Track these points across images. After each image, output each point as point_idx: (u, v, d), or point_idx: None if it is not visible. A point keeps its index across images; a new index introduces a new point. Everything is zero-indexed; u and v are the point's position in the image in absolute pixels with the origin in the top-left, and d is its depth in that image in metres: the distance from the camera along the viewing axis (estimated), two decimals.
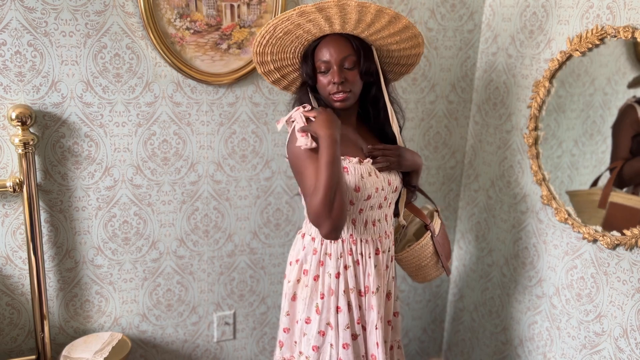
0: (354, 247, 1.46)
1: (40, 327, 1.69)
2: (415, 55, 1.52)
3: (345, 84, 1.38)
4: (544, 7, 1.81)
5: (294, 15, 1.32)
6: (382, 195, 1.46)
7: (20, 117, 1.54)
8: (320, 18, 1.33)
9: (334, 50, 1.37)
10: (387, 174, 1.48)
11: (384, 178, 1.46)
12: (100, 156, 1.73)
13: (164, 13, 1.66)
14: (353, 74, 1.40)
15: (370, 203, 1.44)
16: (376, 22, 1.36)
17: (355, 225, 1.45)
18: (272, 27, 1.36)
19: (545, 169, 1.83)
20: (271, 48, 1.42)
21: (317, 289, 1.48)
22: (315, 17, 1.32)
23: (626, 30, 1.49)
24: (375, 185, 1.43)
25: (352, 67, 1.39)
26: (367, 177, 1.42)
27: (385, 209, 1.50)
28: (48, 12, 1.56)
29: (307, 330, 1.50)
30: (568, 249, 1.77)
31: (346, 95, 1.39)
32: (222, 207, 1.92)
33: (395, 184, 1.50)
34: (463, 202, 2.29)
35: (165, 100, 1.76)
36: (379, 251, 1.50)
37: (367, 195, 1.42)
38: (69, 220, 1.74)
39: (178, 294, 1.95)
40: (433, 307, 2.41)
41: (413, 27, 1.40)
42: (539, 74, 1.84)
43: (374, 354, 1.47)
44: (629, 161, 1.57)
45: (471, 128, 2.21)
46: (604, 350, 1.67)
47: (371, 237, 1.48)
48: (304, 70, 1.44)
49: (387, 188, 1.47)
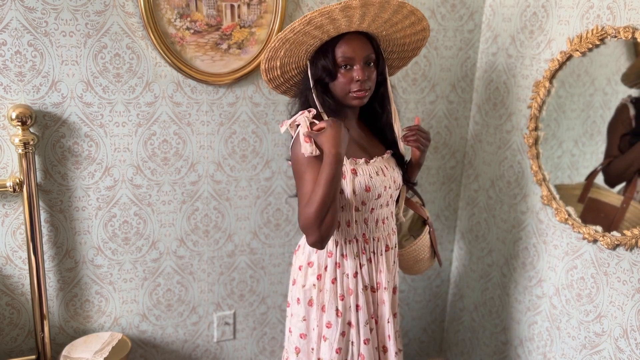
0: (367, 246, 1.50)
1: (40, 327, 1.69)
2: (421, 39, 1.52)
3: (367, 82, 1.39)
4: (544, 7, 1.81)
5: (337, 9, 1.28)
6: (389, 193, 1.50)
7: (21, 117, 1.54)
8: (356, 14, 1.31)
9: (358, 47, 1.37)
10: (392, 171, 1.51)
11: (390, 176, 1.49)
12: (100, 156, 1.73)
13: (164, 13, 1.66)
14: (372, 72, 1.41)
15: (380, 201, 1.48)
16: (401, 21, 1.40)
17: (368, 225, 1.48)
18: (308, 19, 1.31)
19: (545, 169, 1.83)
20: (290, 44, 1.37)
21: (337, 291, 1.49)
22: (353, 13, 1.30)
23: (626, 30, 1.49)
24: (384, 184, 1.47)
25: (372, 66, 1.41)
26: (375, 176, 1.45)
27: (391, 206, 1.54)
28: (48, 12, 1.56)
29: (329, 334, 1.49)
30: (568, 249, 1.77)
31: (366, 92, 1.40)
32: (222, 207, 1.92)
33: (399, 181, 1.54)
34: (463, 202, 2.29)
35: (166, 100, 1.76)
36: (388, 248, 1.54)
37: (377, 194, 1.45)
38: (69, 220, 1.74)
39: (178, 294, 1.95)
40: (433, 307, 2.41)
41: (417, 11, 1.40)
42: (539, 74, 1.84)
43: (386, 345, 1.54)
44: (615, 159, 1.58)
45: (471, 128, 2.21)
46: (604, 351, 1.67)
47: (382, 234, 1.52)
48: (322, 65, 1.40)
49: (393, 186, 1.50)
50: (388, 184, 1.48)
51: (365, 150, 1.50)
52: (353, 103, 1.42)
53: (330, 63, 1.38)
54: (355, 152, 1.47)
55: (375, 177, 1.45)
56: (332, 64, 1.38)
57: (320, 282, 1.49)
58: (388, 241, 1.54)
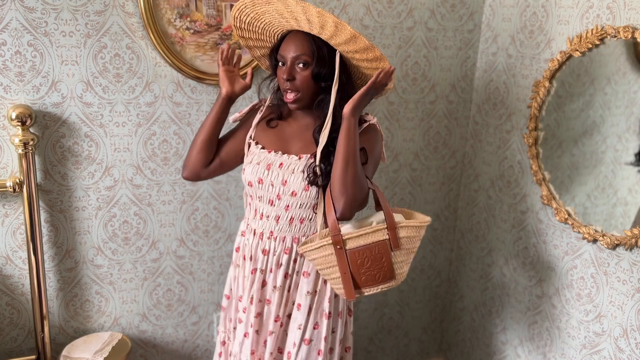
0: (246, 230, 1.54)
1: (40, 327, 1.69)
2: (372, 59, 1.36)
3: (293, 83, 1.36)
4: (544, 7, 1.81)
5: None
6: (273, 193, 1.42)
7: (20, 117, 1.54)
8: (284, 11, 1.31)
9: (291, 46, 1.36)
10: (288, 173, 1.40)
11: (279, 175, 1.40)
12: (100, 156, 1.73)
13: (164, 13, 1.66)
14: (304, 74, 1.35)
15: (258, 193, 1.45)
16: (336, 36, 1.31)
17: (250, 209, 1.52)
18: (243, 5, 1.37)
19: (545, 169, 1.83)
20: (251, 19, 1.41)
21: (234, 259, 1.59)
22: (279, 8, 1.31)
23: (626, 30, 1.49)
24: (262, 177, 1.42)
25: (305, 68, 1.35)
26: (256, 165, 1.44)
27: (278, 209, 1.43)
28: (48, 12, 1.56)
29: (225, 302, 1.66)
30: (568, 249, 1.77)
31: (295, 96, 1.37)
32: (222, 207, 1.92)
33: (294, 187, 1.39)
34: (463, 202, 2.29)
35: (165, 100, 1.76)
36: (265, 251, 1.47)
37: (248, 181, 1.46)
38: (69, 220, 1.74)
39: (178, 294, 1.95)
40: (433, 307, 2.41)
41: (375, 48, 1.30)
42: (539, 74, 1.84)
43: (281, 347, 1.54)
44: None
45: (471, 128, 2.21)
46: (604, 351, 1.67)
47: (262, 229, 1.48)
48: (270, 61, 1.47)
49: (281, 187, 1.40)
50: (272, 181, 1.40)
51: (285, 144, 1.46)
52: (285, 101, 1.41)
53: (274, 59, 1.42)
54: (270, 142, 1.47)
55: (255, 166, 1.44)
56: (274, 59, 1.42)
57: None
58: (267, 244, 1.46)
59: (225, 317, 1.65)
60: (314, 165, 1.37)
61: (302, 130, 1.47)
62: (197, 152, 1.48)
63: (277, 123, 1.50)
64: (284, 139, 1.48)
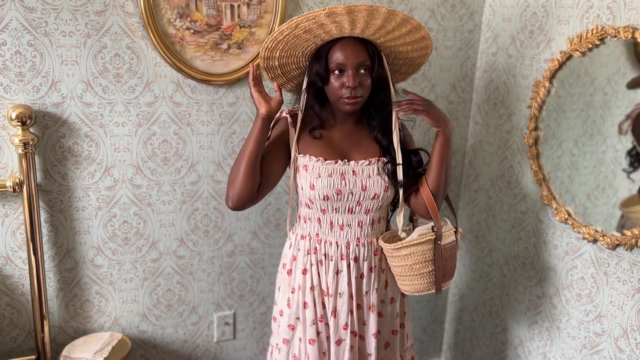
0: (318, 247, 1.51)
1: (40, 327, 1.69)
2: (423, 56, 1.51)
3: (358, 89, 1.39)
4: (544, 7, 1.81)
5: (322, 15, 1.29)
6: (353, 200, 1.46)
7: (20, 117, 1.54)
8: (345, 20, 1.31)
9: (351, 53, 1.37)
10: (365, 178, 1.45)
11: (357, 182, 1.45)
12: (100, 156, 1.73)
13: (164, 13, 1.66)
14: (366, 79, 1.40)
15: (335, 205, 1.46)
16: (397, 29, 1.38)
17: (321, 225, 1.50)
18: (295, 24, 1.33)
19: (545, 169, 1.83)
20: (284, 45, 1.40)
21: (290, 283, 1.55)
22: (341, 19, 1.31)
23: (626, 30, 1.49)
24: (339, 187, 1.43)
25: (366, 73, 1.40)
26: (325, 177, 1.43)
27: (359, 215, 1.49)
28: (48, 12, 1.56)
29: (281, 321, 1.58)
30: (568, 249, 1.77)
31: (357, 99, 1.40)
32: (222, 207, 1.92)
33: (375, 190, 1.46)
34: (463, 202, 2.29)
35: (165, 100, 1.76)
36: (357, 259, 1.51)
37: (323, 195, 1.43)
38: (69, 220, 1.74)
39: (178, 294, 1.95)
40: (433, 307, 2.41)
41: (424, 30, 1.41)
42: (539, 74, 1.84)
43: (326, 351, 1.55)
44: None
45: (471, 128, 2.21)
46: (604, 351, 1.67)
47: (340, 240, 1.50)
48: (315, 70, 1.41)
49: (362, 193, 1.45)
50: (351, 190, 1.44)
51: (342, 152, 1.48)
52: (345, 109, 1.42)
53: (323, 68, 1.40)
54: (326, 152, 1.46)
55: (325, 178, 1.43)
56: (324, 68, 1.39)
57: (284, 271, 1.57)
58: (357, 251, 1.50)
59: (288, 352, 1.58)
60: (388, 166, 1.48)
61: (350, 134, 1.51)
62: (244, 180, 1.38)
63: (320, 133, 1.50)
64: (337, 146, 1.49)
